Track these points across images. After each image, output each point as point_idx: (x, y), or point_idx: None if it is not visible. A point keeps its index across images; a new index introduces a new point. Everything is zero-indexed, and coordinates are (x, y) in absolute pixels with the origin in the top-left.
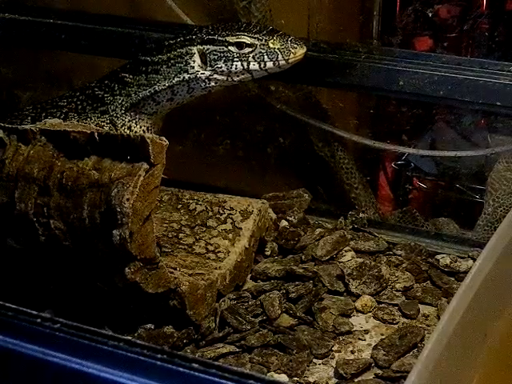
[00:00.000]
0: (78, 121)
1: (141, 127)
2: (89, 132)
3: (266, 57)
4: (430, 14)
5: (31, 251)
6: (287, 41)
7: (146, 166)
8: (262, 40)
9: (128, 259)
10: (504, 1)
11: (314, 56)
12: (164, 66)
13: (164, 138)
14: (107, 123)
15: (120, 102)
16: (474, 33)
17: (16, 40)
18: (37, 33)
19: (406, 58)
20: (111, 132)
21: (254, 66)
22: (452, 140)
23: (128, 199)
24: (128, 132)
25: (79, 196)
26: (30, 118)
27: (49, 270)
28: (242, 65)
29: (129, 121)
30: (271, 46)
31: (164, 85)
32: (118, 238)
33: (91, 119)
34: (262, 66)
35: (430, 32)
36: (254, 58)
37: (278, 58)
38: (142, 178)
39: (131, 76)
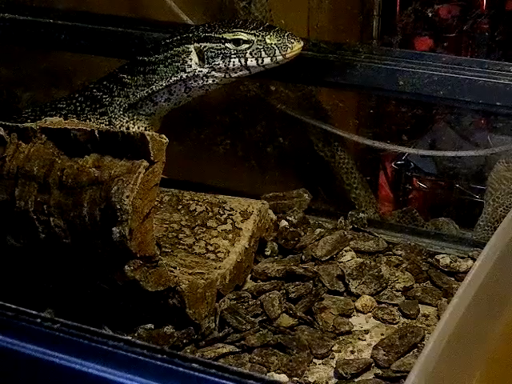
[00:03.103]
0: None
1: (139, 128)
2: (89, 130)
3: (263, 52)
4: (430, 14)
5: (31, 249)
6: (284, 36)
7: (145, 163)
8: (258, 36)
9: (128, 257)
10: (504, 1)
11: (314, 56)
12: (161, 66)
13: (164, 136)
14: (106, 124)
15: (118, 103)
16: (474, 33)
17: (16, 40)
18: (37, 33)
19: (406, 58)
20: (111, 130)
21: (251, 62)
22: (452, 140)
23: (128, 196)
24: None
25: (79, 193)
26: (29, 120)
27: (49, 269)
28: (240, 61)
29: (127, 121)
30: (268, 41)
31: (161, 85)
32: (118, 235)
33: (90, 120)
34: (260, 61)
35: (430, 32)
36: (251, 54)
37: (275, 53)
38: (141, 176)
39: (129, 77)
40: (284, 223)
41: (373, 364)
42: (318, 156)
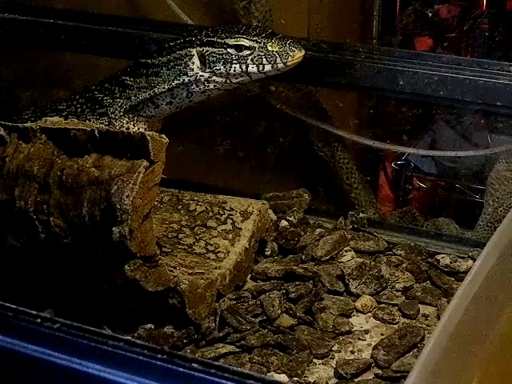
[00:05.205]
0: None
1: (138, 129)
2: (89, 130)
3: (264, 59)
4: (430, 14)
5: (31, 249)
6: (286, 44)
7: (145, 163)
8: (260, 43)
9: (127, 257)
10: (504, 1)
11: (314, 56)
12: (164, 68)
13: (164, 136)
14: (105, 125)
15: (120, 104)
16: (474, 33)
17: (16, 40)
18: (37, 33)
19: (406, 58)
20: (111, 129)
21: (252, 68)
22: (452, 140)
23: (128, 196)
24: None
25: (79, 193)
26: (29, 121)
27: (49, 269)
28: (241, 67)
29: (127, 122)
30: (270, 48)
31: (164, 87)
32: (118, 235)
33: (90, 121)
34: (261, 68)
35: (430, 32)
36: (252, 60)
37: (276, 61)
38: (141, 175)
39: (132, 79)
40: (284, 223)
41: (373, 364)
42: (318, 156)
